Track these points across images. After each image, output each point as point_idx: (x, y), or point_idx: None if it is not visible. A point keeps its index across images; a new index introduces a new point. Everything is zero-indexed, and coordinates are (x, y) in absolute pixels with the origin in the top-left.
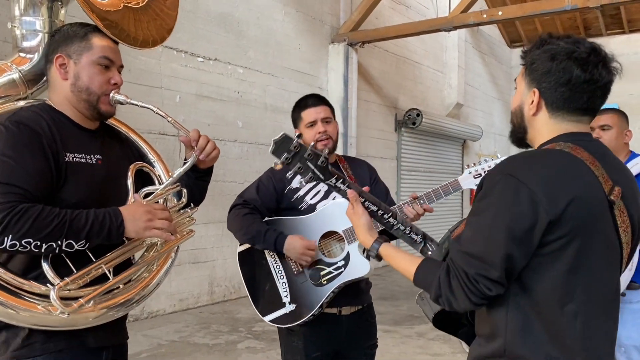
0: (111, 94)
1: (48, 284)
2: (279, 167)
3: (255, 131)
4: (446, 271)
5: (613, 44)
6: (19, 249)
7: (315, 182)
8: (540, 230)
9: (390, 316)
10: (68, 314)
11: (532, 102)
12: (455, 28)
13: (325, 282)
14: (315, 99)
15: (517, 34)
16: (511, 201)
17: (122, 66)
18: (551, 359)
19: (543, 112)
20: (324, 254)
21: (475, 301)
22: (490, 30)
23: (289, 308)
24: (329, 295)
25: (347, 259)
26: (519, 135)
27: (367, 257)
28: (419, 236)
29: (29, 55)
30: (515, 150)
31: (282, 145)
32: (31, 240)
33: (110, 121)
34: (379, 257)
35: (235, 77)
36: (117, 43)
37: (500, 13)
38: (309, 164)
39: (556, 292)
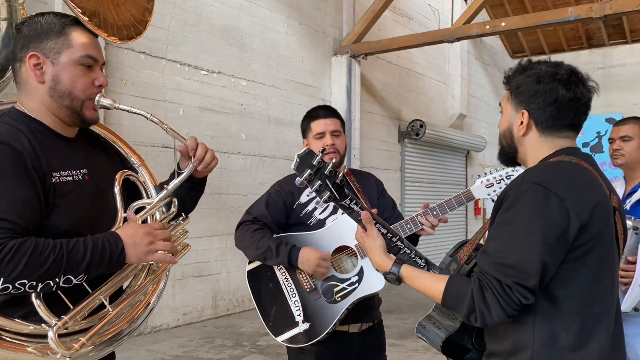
0: (96, 98)
1: (43, 324)
2: (303, 184)
3: (259, 143)
4: (479, 284)
5: (616, 54)
6: (12, 291)
7: (332, 202)
8: (572, 235)
9: (397, 330)
10: (69, 357)
11: (522, 123)
12: (458, 39)
13: (339, 298)
14: (326, 111)
15: (519, 45)
16: (542, 209)
17: (104, 63)
18: None
19: (533, 131)
20: (336, 269)
21: (509, 312)
22: (492, 42)
23: (303, 327)
24: (343, 313)
25: (361, 274)
26: (509, 155)
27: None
28: (422, 260)
29: None
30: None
31: (305, 160)
32: (26, 282)
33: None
34: (398, 281)
35: (239, 90)
36: (97, 36)
37: (503, 24)
38: (328, 182)
39: (582, 297)
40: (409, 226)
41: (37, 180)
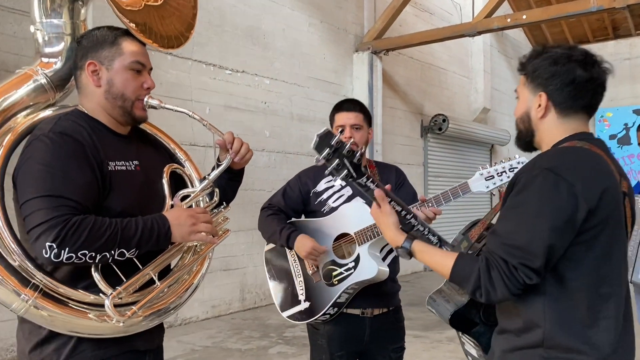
0: (145, 99)
1: (100, 294)
2: (321, 163)
3: (282, 140)
4: (485, 263)
5: None
6: (75, 260)
7: (349, 180)
8: (579, 220)
9: (421, 322)
10: (122, 322)
11: (540, 105)
12: (480, 33)
13: (337, 282)
14: (350, 104)
15: (543, 37)
16: (552, 193)
17: (151, 68)
18: (589, 342)
19: (551, 114)
20: (337, 255)
21: (513, 291)
22: (515, 34)
23: (304, 305)
24: (340, 295)
25: (357, 260)
26: (527, 139)
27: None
28: (435, 237)
29: (52, 60)
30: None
31: (325, 139)
32: (86, 252)
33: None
34: (410, 255)
35: (262, 88)
36: (144, 45)
37: (524, 17)
38: (345, 161)
39: (591, 277)
40: None
41: (96, 166)
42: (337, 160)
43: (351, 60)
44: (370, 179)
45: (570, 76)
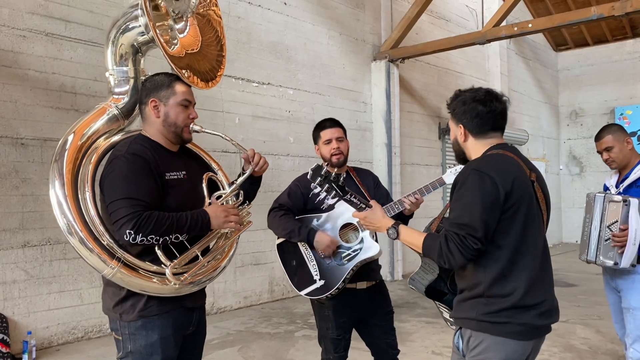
0: (191, 126)
1: (162, 265)
2: (316, 187)
3: (305, 145)
4: (444, 237)
5: None
6: (146, 242)
7: (338, 197)
8: (502, 200)
9: (434, 310)
10: (178, 285)
11: (461, 133)
12: (489, 41)
13: (346, 261)
14: (331, 122)
15: (562, 38)
16: (480, 185)
17: (195, 103)
18: (511, 289)
19: (470, 138)
20: (343, 241)
21: (466, 255)
22: (535, 37)
23: (319, 283)
24: (349, 272)
25: (362, 242)
26: (461, 156)
27: (375, 236)
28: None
29: (121, 96)
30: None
31: (317, 171)
32: (154, 236)
33: None
34: (397, 233)
35: (286, 98)
36: (190, 86)
37: (530, 25)
38: (332, 184)
39: (517, 242)
40: (396, 206)
41: (157, 177)
42: (327, 184)
43: (369, 68)
44: (353, 195)
45: (474, 112)
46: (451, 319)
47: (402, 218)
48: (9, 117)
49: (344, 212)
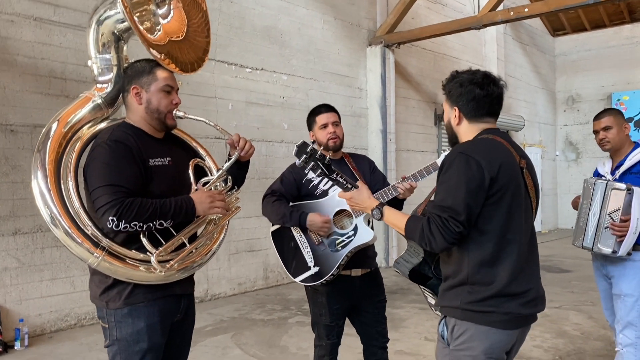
0: (174, 112)
1: (147, 253)
2: (301, 165)
3: (300, 132)
4: (427, 220)
5: None
6: (129, 229)
7: (322, 175)
8: (486, 185)
9: None
10: (164, 272)
11: (455, 116)
12: (485, 26)
13: (340, 248)
14: (326, 107)
15: (559, 23)
16: (465, 168)
17: (178, 89)
18: (493, 277)
19: (464, 121)
20: (337, 227)
21: (448, 239)
22: (532, 22)
23: (314, 270)
24: (344, 258)
25: (355, 229)
26: (454, 140)
27: (370, 223)
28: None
29: (104, 85)
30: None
31: (302, 148)
32: (136, 223)
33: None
34: (381, 214)
35: (280, 84)
36: (172, 72)
37: (526, 10)
38: (319, 162)
39: (501, 229)
40: (390, 192)
41: (140, 163)
42: (312, 162)
43: (364, 54)
44: (339, 175)
45: (471, 95)
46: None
47: (397, 203)
48: None
49: (338, 198)
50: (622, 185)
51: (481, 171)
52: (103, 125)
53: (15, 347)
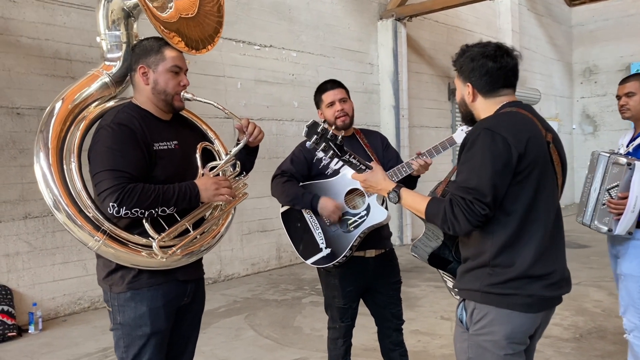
0: (182, 93)
1: (150, 238)
2: (312, 147)
3: (310, 110)
4: (449, 202)
5: None
6: (130, 215)
7: (334, 157)
8: (514, 163)
9: None
10: (165, 259)
11: (469, 92)
12: None
13: (352, 228)
14: (332, 84)
15: None
16: (491, 146)
17: (187, 70)
18: (516, 259)
19: (479, 97)
20: (349, 207)
21: (472, 222)
22: None
23: (326, 252)
24: (356, 239)
25: (368, 209)
26: (469, 117)
27: (384, 202)
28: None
29: (112, 63)
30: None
31: (312, 128)
32: (138, 209)
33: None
34: (398, 198)
35: (290, 61)
36: (181, 52)
37: None
38: (330, 143)
39: (527, 208)
40: (404, 169)
41: (144, 147)
42: (324, 143)
43: (375, 28)
44: (352, 155)
45: (484, 69)
46: (456, 289)
47: (411, 180)
48: (3, 86)
49: (349, 176)
50: (623, 160)
51: (508, 148)
52: (111, 104)
53: (30, 331)
